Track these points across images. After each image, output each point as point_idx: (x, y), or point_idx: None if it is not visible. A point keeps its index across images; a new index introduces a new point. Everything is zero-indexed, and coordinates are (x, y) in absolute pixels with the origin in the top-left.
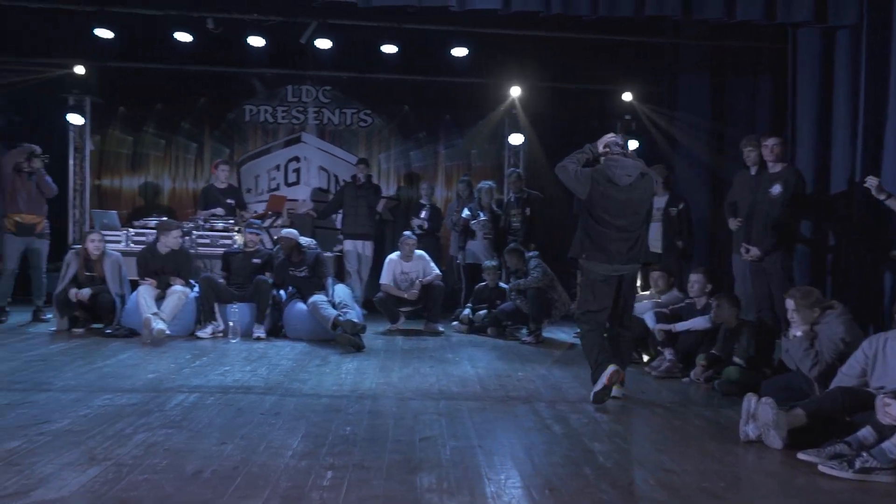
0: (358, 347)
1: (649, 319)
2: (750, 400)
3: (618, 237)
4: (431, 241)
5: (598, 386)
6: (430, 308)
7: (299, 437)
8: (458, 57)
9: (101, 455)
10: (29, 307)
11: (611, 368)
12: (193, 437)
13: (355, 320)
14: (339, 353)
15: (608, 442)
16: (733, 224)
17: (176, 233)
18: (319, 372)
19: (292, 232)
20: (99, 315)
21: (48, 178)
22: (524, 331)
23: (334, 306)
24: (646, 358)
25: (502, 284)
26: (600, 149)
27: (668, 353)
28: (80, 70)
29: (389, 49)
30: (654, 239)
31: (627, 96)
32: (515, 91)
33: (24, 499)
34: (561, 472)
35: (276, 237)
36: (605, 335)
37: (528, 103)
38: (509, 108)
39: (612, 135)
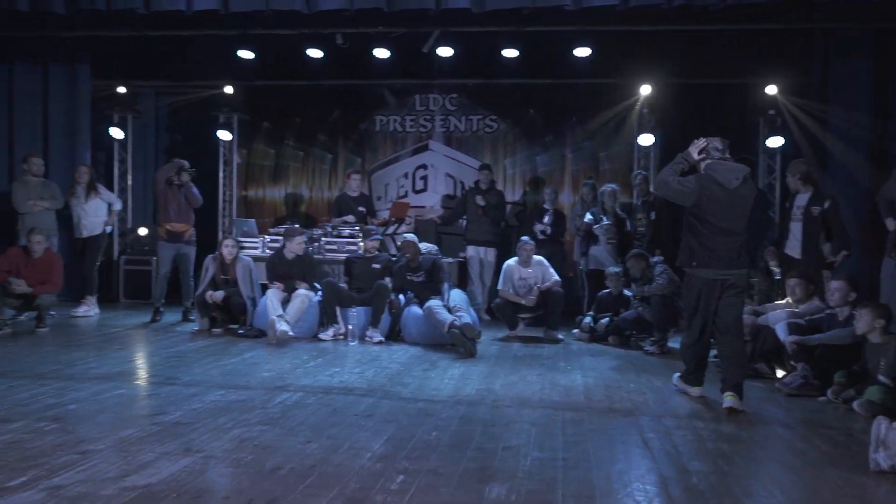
0: (470, 353)
1: (781, 331)
2: (880, 424)
3: (724, 241)
4: (555, 246)
5: (680, 387)
6: (549, 315)
7: (383, 440)
8: (581, 57)
9: (195, 447)
10: (180, 308)
11: (697, 392)
12: (284, 434)
13: (471, 324)
14: (449, 358)
15: (709, 462)
16: (891, 224)
17: (300, 239)
18: (424, 376)
19: (412, 237)
20: (233, 316)
21: (195, 190)
22: (649, 340)
23: (450, 311)
24: (780, 373)
25: (627, 292)
26: (695, 156)
27: (801, 368)
28: (228, 90)
29: (510, 53)
30: (794, 241)
31: (772, 89)
32: (645, 89)
33: (118, 483)
34: (644, 490)
35: (398, 243)
36: (710, 348)
37: (658, 102)
38: (639, 107)
39: (704, 140)
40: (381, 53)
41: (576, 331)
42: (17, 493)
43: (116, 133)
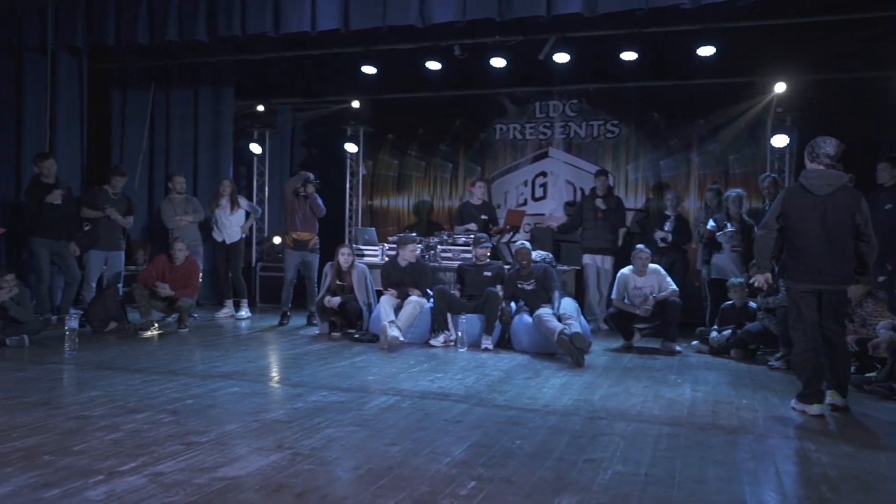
0: (578, 362)
1: None
2: None
3: (820, 251)
4: (677, 254)
5: (797, 408)
6: (665, 326)
7: (465, 446)
8: (705, 56)
9: (287, 444)
10: (305, 312)
11: (816, 410)
12: (372, 435)
13: (581, 334)
14: (555, 367)
15: (810, 488)
16: None
17: (412, 247)
18: (524, 384)
19: (525, 245)
20: (351, 321)
21: (319, 201)
22: (775, 356)
23: (560, 319)
24: None
25: (752, 304)
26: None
27: None
28: (355, 104)
29: (629, 56)
30: None
31: None
32: (780, 87)
33: (210, 473)
34: None
35: (513, 251)
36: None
37: (793, 99)
38: (772, 106)
39: (825, 142)
40: (498, 62)
41: (695, 342)
42: (124, 477)
43: (255, 148)
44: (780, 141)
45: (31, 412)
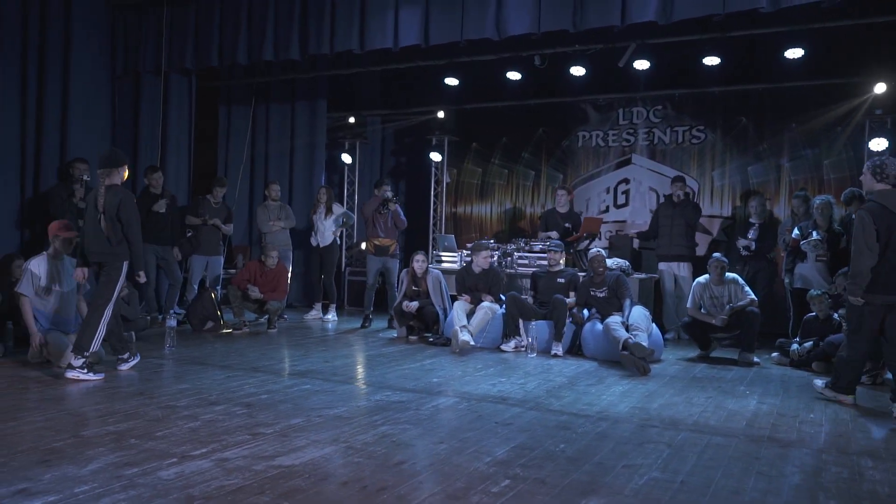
0: (644, 371)
1: None
2: None
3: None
4: (761, 262)
5: (829, 396)
6: (744, 336)
7: (509, 447)
8: (794, 59)
9: (343, 438)
10: (386, 315)
11: (851, 400)
12: (423, 434)
13: (644, 344)
14: (620, 374)
15: (841, 502)
16: None
17: (486, 253)
18: (584, 391)
19: (600, 252)
20: (427, 325)
21: (402, 215)
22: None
23: (627, 329)
24: None
25: (836, 316)
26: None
27: None
28: (440, 114)
29: (711, 61)
30: None
31: None
32: (879, 88)
33: (268, 461)
34: None
35: (589, 258)
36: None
37: (893, 101)
38: (870, 108)
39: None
40: (578, 71)
41: (776, 354)
42: (194, 461)
43: (346, 158)
44: (878, 145)
45: (127, 401)
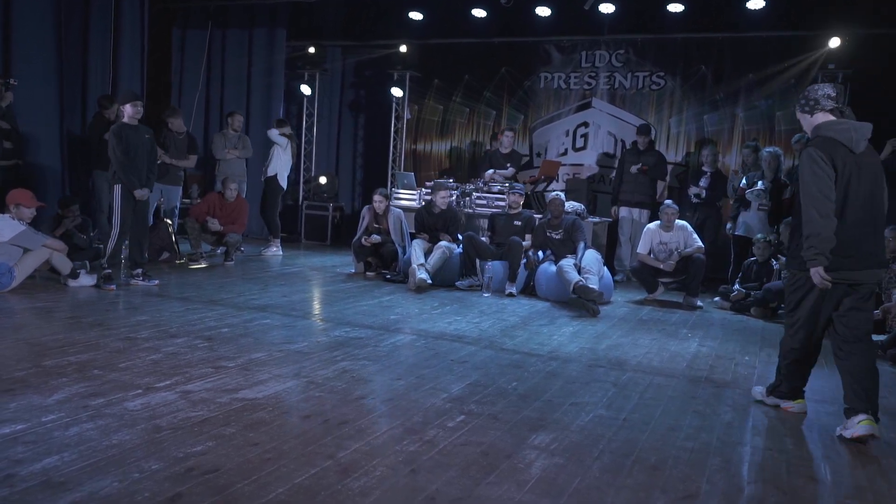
0: (593, 313)
1: None
2: None
3: (864, 231)
4: (710, 210)
5: (770, 403)
6: (689, 281)
7: (464, 384)
8: (755, 9)
9: (304, 373)
10: (347, 251)
11: (797, 407)
12: (381, 370)
13: (594, 287)
14: (571, 315)
15: (777, 440)
16: None
17: (444, 193)
18: (536, 331)
19: (558, 195)
20: (385, 262)
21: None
22: None
23: (579, 271)
24: None
25: (774, 263)
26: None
27: None
28: (403, 49)
29: (675, 7)
30: None
31: None
32: (833, 42)
33: (232, 394)
34: (676, 458)
35: (547, 200)
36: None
37: (846, 55)
38: (824, 62)
39: (817, 86)
40: (543, 11)
41: (717, 299)
42: (159, 392)
43: (305, 89)
44: None
45: (86, 331)
